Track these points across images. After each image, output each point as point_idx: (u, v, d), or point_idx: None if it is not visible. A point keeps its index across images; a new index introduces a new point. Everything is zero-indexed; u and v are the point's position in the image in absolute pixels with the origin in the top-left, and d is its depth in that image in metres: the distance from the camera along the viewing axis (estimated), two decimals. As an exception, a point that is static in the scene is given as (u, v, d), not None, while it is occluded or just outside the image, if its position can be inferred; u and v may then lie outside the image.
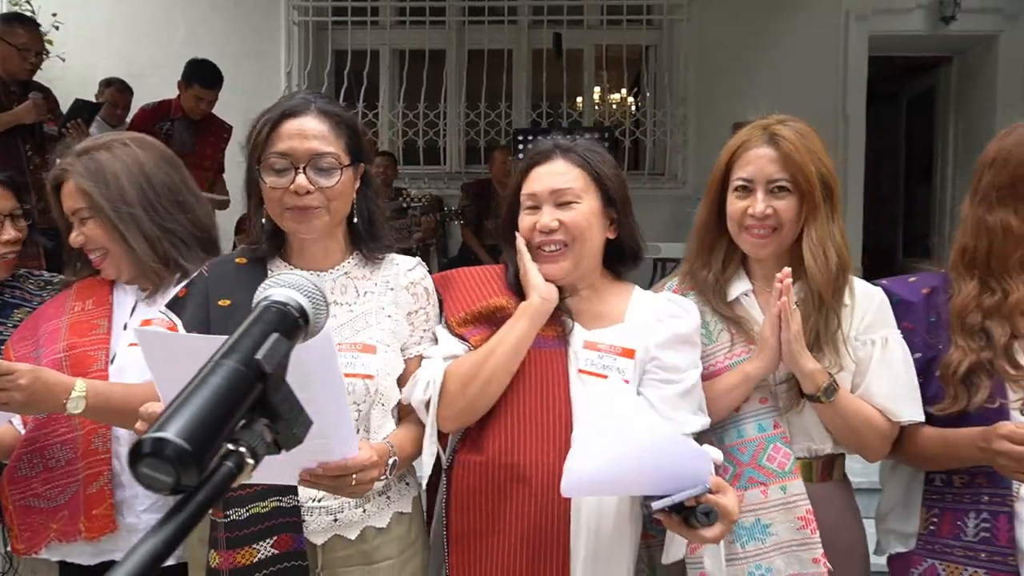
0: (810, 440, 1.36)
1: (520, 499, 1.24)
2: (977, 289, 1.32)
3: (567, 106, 5.48)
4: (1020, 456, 1.13)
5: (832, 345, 1.32)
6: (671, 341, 1.31)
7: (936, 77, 6.35)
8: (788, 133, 1.34)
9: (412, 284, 1.36)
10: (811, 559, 1.28)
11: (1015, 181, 1.28)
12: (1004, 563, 1.23)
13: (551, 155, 1.35)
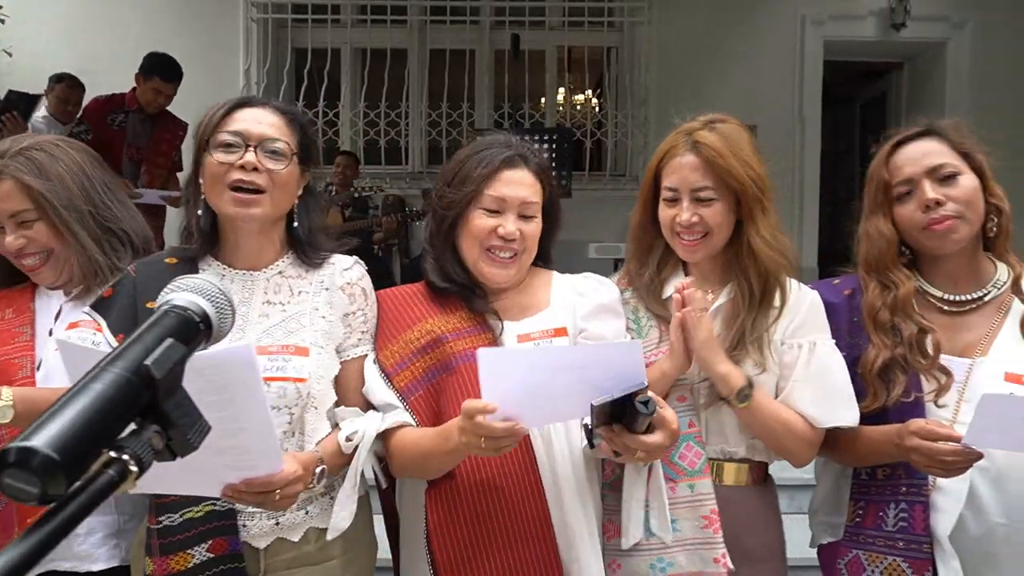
0: (724, 442, 1.37)
1: (498, 511, 1.25)
2: (878, 288, 1.38)
3: (529, 107, 5.49)
4: (930, 452, 1.17)
5: (756, 346, 1.34)
6: (595, 311, 1.35)
7: (889, 82, 6.52)
8: (711, 139, 1.34)
9: (348, 284, 1.34)
10: (712, 558, 1.29)
11: (877, 192, 1.39)
12: (920, 551, 1.27)
13: (518, 163, 1.35)
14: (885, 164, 1.37)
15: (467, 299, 1.36)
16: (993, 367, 1.30)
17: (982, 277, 1.37)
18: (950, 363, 1.33)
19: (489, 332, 1.33)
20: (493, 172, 1.33)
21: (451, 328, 1.34)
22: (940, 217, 1.30)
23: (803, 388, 1.34)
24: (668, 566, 1.32)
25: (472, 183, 1.33)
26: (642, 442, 1.07)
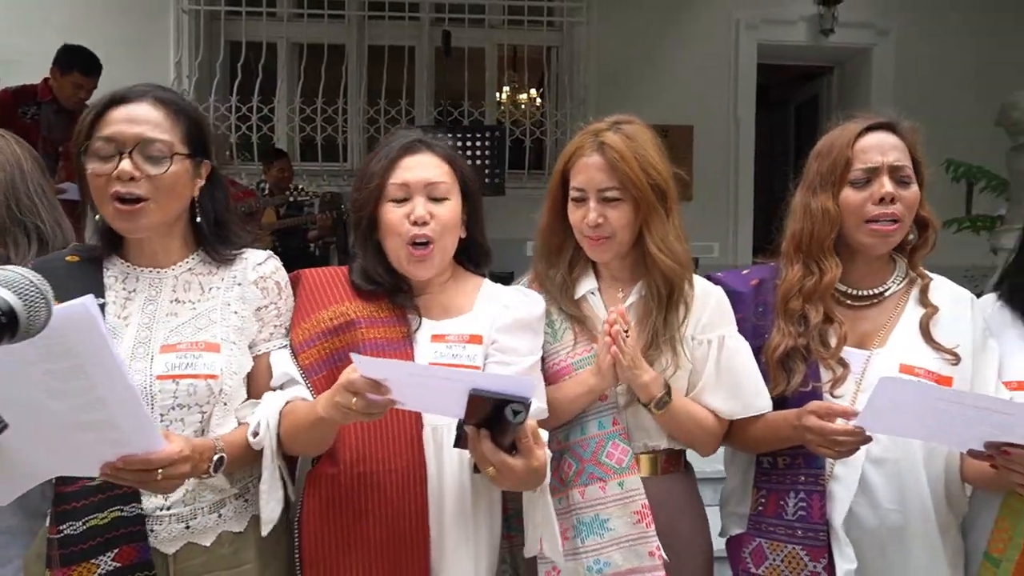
0: (647, 437, 1.40)
1: (377, 507, 1.23)
2: (801, 272, 1.39)
3: (468, 105, 5.47)
4: (823, 431, 1.21)
5: (670, 344, 1.36)
6: (511, 326, 1.33)
7: (820, 85, 6.74)
8: (616, 140, 1.35)
9: (262, 279, 1.31)
10: (647, 552, 1.31)
11: (833, 168, 1.36)
12: (816, 539, 1.31)
13: (418, 148, 1.34)
14: (851, 144, 1.35)
15: (391, 293, 1.35)
16: (889, 358, 1.35)
17: (885, 275, 1.42)
18: (849, 354, 1.37)
19: (405, 325, 1.32)
20: (393, 161, 1.32)
21: (366, 314, 1.32)
22: (888, 214, 1.33)
23: (715, 385, 1.38)
24: (605, 566, 1.33)
25: (376, 177, 1.32)
26: (498, 457, 1.04)
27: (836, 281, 1.37)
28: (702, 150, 5.76)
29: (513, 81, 6.03)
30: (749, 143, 5.93)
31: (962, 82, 5.66)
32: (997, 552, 1.27)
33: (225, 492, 1.25)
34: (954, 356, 1.32)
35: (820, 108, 6.73)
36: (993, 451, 1.05)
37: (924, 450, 1.30)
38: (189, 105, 1.27)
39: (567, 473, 1.38)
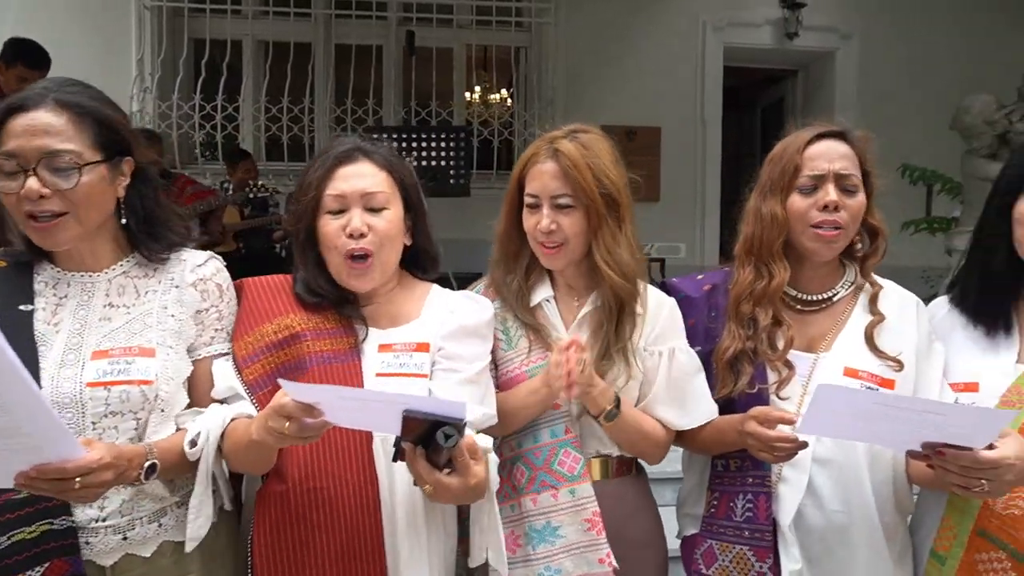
0: (600, 444, 1.40)
1: (329, 523, 1.21)
2: (752, 275, 1.40)
3: (436, 105, 5.45)
4: (763, 437, 1.23)
5: (622, 355, 1.36)
6: (457, 332, 1.32)
7: (786, 88, 6.85)
8: (570, 148, 1.36)
9: (201, 280, 1.28)
10: (597, 559, 1.31)
11: (783, 174, 1.38)
12: (762, 539, 1.33)
13: (355, 157, 1.31)
14: (801, 151, 1.37)
15: (337, 304, 1.32)
16: (834, 362, 1.36)
17: (835, 280, 1.44)
18: (797, 358, 1.39)
19: (352, 336, 1.30)
20: (329, 170, 1.29)
21: (312, 327, 1.29)
22: (832, 221, 1.34)
23: (664, 397, 1.39)
24: (556, 573, 1.33)
25: (312, 188, 1.29)
26: (433, 476, 1.03)
27: (784, 284, 1.39)
28: (669, 151, 5.82)
29: (484, 81, 6.02)
30: (716, 144, 6.00)
31: (921, 86, 5.79)
32: (943, 550, 1.29)
33: (166, 501, 1.21)
34: (897, 363, 1.34)
35: (786, 110, 6.84)
36: (929, 451, 1.06)
37: (868, 451, 1.32)
38: (96, 103, 1.18)
39: (519, 480, 1.37)
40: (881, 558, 1.34)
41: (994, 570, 1.21)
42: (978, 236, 1.37)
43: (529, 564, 1.33)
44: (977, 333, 1.35)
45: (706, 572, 1.39)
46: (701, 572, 1.40)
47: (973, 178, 3.67)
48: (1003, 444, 1.04)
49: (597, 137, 1.42)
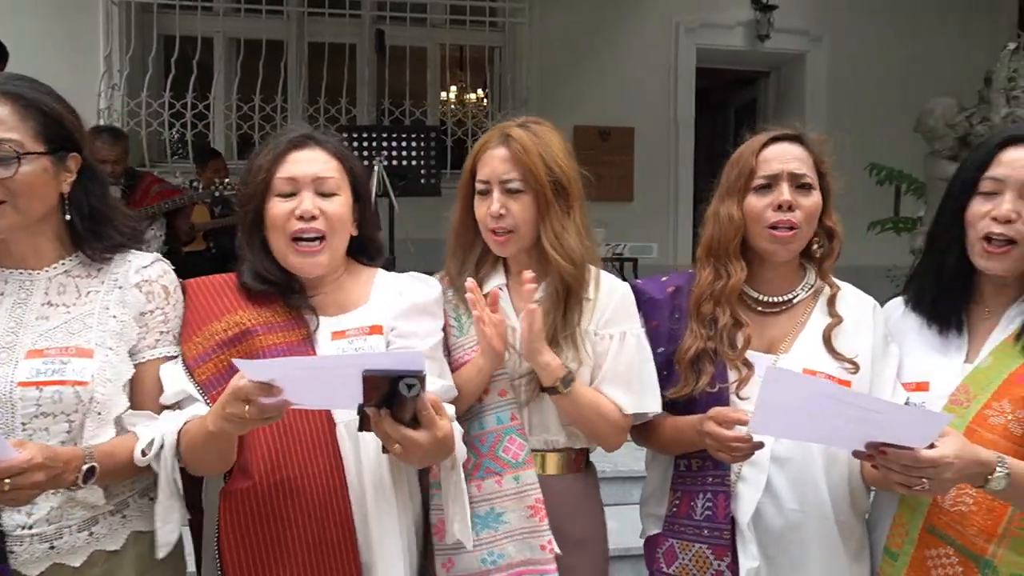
0: (547, 432, 1.42)
1: (298, 515, 1.20)
2: (711, 275, 1.43)
3: (410, 104, 5.42)
4: (720, 437, 1.24)
5: (571, 340, 1.37)
6: (408, 310, 1.33)
7: (758, 89, 6.93)
8: (521, 134, 1.39)
9: (146, 282, 1.26)
10: (539, 545, 1.34)
11: (740, 176, 1.41)
12: (720, 537, 1.34)
13: (307, 143, 1.31)
14: (756, 154, 1.40)
15: (284, 294, 1.32)
16: (793, 363, 1.38)
17: (795, 283, 1.46)
18: (756, 358, 1.40)
19: (303, 327, 1.29)
20: (281, 155, 1.29)
21: (262, 321, 1.29)
22: (787, 222, 1.36)
23: (614, 377, 1.40)
24: (499, 557, 1.35)
25: (263, 171, 1.28)
26: (401, 433, 1.01)
27: (740, 284, 1.41)
28: (643, 151, 5.86)
29: (460, 81, 6.02)
30: (689, 145, 6.05)
31: (888, 88, 5.90)
32: (895, 547, 1.32)
33: (98, 508, 1.18)
34: (853, 365, 1.36)
35: (758, 111, 6.92)
36: (873, 451, 1.09)
37: (824, 451, 1.35)
38: (43, 97, 1.17)
39: (466, 467, 1.37)
40: (837, 556, 1.36)
41: (942, 565, 1.24)
42: (932, 238, 1.40)
43: (472, 549, 1.34)
44: (930, 333, 1.38)
45: (667, 571, 1.41)
46: (662, 571, 1.42)
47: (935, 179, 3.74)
48: (943, 443, 1.07)
49: (549, 129, 1.45)
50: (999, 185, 1.25)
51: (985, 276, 1.31)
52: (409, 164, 3.76)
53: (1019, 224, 1.22)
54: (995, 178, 1.25)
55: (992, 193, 1.25)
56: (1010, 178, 1.24)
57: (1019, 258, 1.24)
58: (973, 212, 1.28)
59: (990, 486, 1.10)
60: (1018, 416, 1.19)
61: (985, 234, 1.25)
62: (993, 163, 1.26)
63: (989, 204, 1.25)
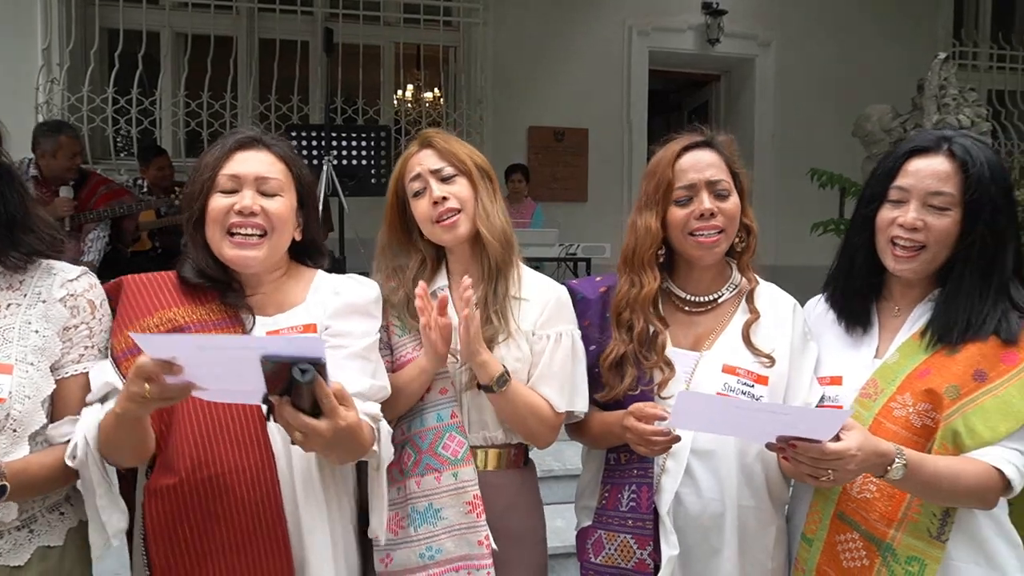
0: (485, 429, 1.45)
1: (228, 512, 1.20)
2: (627, 284, 1.48)
3: (364, 103, 5.39)
4: (638, 431, 1.29)
5: (500, 315, 1.43)
6: (343, 310, 1.35)
7: (710, 92, 7.08)
8: (439, 134, 1.50)
9: (71, 296, 1.23)
10: (477, 541, 1.36)
11: (658, 188, 1.45)
12: (644, 528, 1.39)
13: (254, 145, 1.33)
14: (672, 165, 1.43)
15: (222, 291, 1.31)
16: (715, 360, 1.44)
17: (720, 284, 1.51)
18: (683, 356, 1.45)
19: (239, 326, 1.29)
20: (226, 154, 1.30)
21: (196, 319, 1.28)
22: (710, 227, 1.41)
23: (549, 375, 1.44)
24: (437, 552, 1.37)
25: (208, 169, 1.29)
26: (301, 420, 1.00)
27: (653, 294, 1.46)
28: (596, 152, 5.94)
29: (417, 80, 6.00)
30: (642, 146, 6.14)
31: (831, 93, 6.09)
32: (811, 532, 1.37)
33: (2, 525, 1.16)
34: (770, 360, 1.42)
35: (710, 113, 7.07)
36: (783, 444, 1.14)
37: (742, 444, 1.40)
38: None
39: (406, 463, 1.41)
40: (755, 543, 1.41)
41: (850, 550, 1.30)
42: (846, 241, 1.46)
43: (411, 545, 1.37)
44: (844, 330, 1.44)
45: (595, 561, 1.44)
46: (590, 561, 1.45)
47: (872, 182, 3.88)
48: (847, 436, 1.12)
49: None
50: (905, 194, 1.31)
51: (894, 277, 1.38)
52: (359, 164, 3.74)
53: (924, 231, 1.29)
54: (901, 187, 1.32)
55: (899, 201, 1.32)
56: (915, 188, 1.30)
57: (925, 261, 1.31)
58: (882, 218, 1.34)
59: (889, 476, 1.16)
60: (918, 409, 1.26)
61: (892, 239, 1.32)
62: (900, 173, 1.32)
63: (897, 211, 1.32)
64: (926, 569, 1.23)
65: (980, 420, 1.20)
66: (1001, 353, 1.23)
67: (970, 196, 1.26)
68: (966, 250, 1.27)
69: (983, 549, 1.25)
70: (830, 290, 1.50)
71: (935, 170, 1.29)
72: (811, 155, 4.99)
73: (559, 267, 4.86)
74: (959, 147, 1.28)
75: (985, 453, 1.20)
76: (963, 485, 1.18)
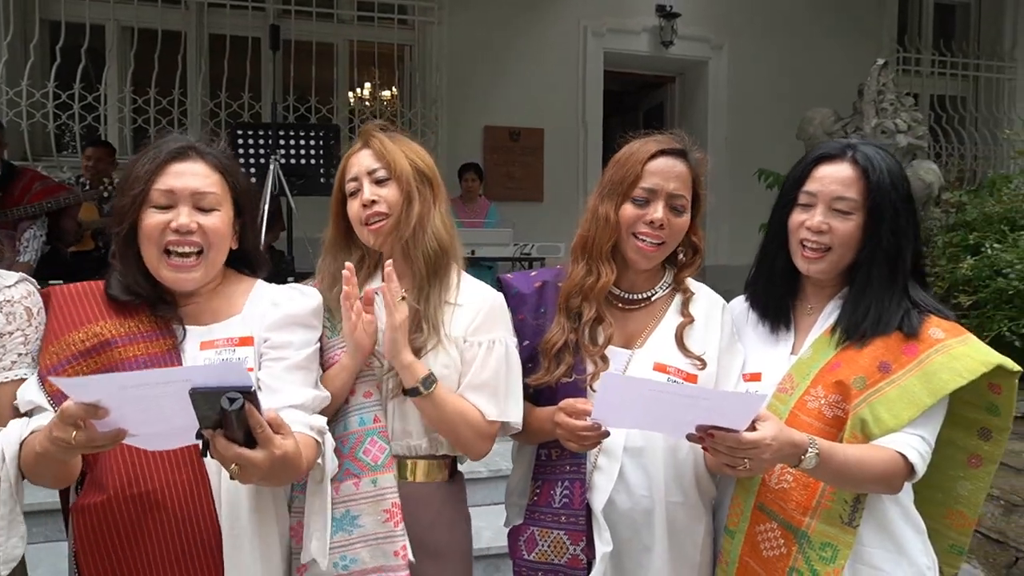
0: (409, 437, 1.42)
1: (160, 528, 1.17)
2: (583, 271, 1.48)
3: (316, 101, 5.33)
4: (569, 427, 1.30)
5: (431, 324, 1.40)
6: (282, 322, 1.32)
7: (665, 94, 7.19)
8: (381, 135, 1.47)
9: (7, 302, 1.21)
10: (393, 551, 1.32)
11: (622, 181, 1.45)
12: (576, 523, 1.40)
13: (189, 155, 1.28)
14: (643, 163, 1.43)
15: (152, 304, 1.28)
16: (646, 357, 1.46)
17: (654, 282, 1.54)
18: (615, 352, 1.47)
19: (170, 338, 1.26)
20: (159, 167, 1.25)
21: (124, 332, 1.25)
22: (654, 235, 1.43)
23: (480, 384, 1.42)
24: (352, 562, 1.33)
25: (140, 182, 1.25)
26: (232, 450, 0.98)
27: (609, 285, 1.47)
28: (552, 152, 5.98)
29: (375, 79, 5.96)
30: (597, 146, 6.21)
31: (781, 96, 6.23)
32: (733, 525, 1.41)
33: None
34: (701, 362, 1.45)
35: (665, 114, 7.18)
36: (702, 433, 1.17)
37: (668, 441, 1.42)
38: None
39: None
40: (685, 538, 1.44)
41: (769, 539, 1.34)
42: (764, 244, 1.51)
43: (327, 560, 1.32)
44: (764, 328, 1.49)
45: (528, 558, 1.45)
46: (523, 558, 1.46)
47: (815, 184, 3.98)
48: (763, 427, 1.16)
49: (408, 138, 1.52)
50: (812, 198, 1.37)
51: (807, 277, 1.43)
52: (308, 163, 3.70)
53: (829, 234, 1.34)
54: (809, 192, 1.37)
55: (807, 205, 1.37)
56: (821, 193, 1.36)
57: (831, 262, 1.37)
58: (793, 221, 1.40)
59: (803, 465, 1.20)
60: (829, 400, 1.31)
61: (802, 241, 1.38)
62: (808, 179, 1.38)
63: (805, 215, 1.37)
64: (838, 554, 1.28)
65: (885, 409, 1.26)
66: (904, 346, 1.29)
67: (872, 201, 1.32)
68: (870, 251, 1.33)
69: (891, 534, 1.31)
70: (750, 290, 1.55)
71: (839, 176, 1.34)
72: (762, 156, 5.09)
73: (514, 267, 4.88)
74: (861, 155, 1.34)
75: (890, 440, 1.25)
76: (870, 471, 1.23)
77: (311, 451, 1.20)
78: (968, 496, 1.39)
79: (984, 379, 1.27)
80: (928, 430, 1.27)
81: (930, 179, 3.69)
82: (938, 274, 3.24)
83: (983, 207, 3.49)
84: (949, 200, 3.72)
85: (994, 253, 2.98)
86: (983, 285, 2.97)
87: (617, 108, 7.20)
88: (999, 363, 1.26)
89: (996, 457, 1.37)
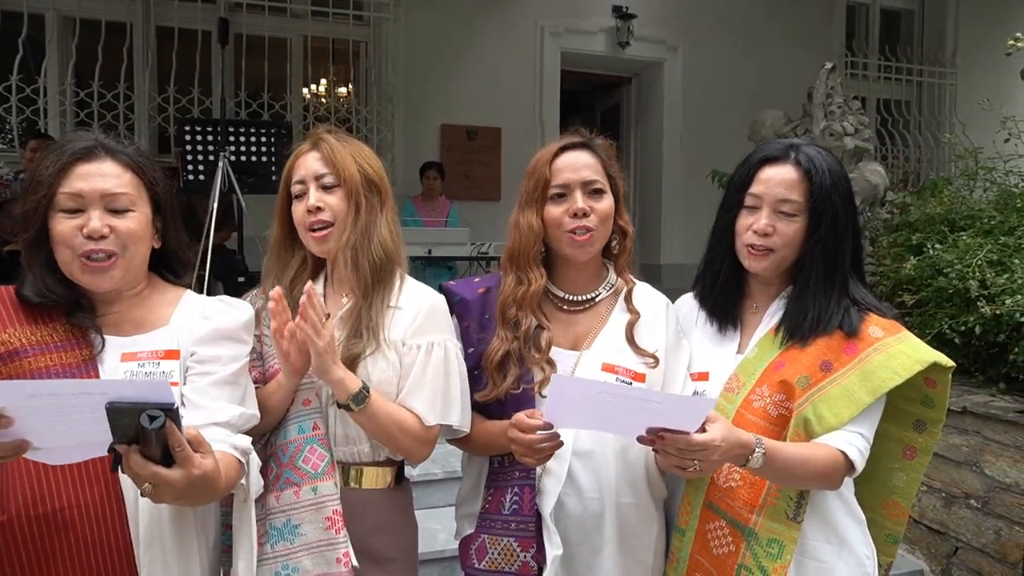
0: (352, 443, 1.40)
1: (68, 550, 1.11)
2: (514, 281, 1.48)
3: (269, 97, 5.22)
4: (524, 441, 1.29)
5: (371, 331, 1.38)
6: (210, 335, 1.27)
7: (621, 94, 7.25)
8: (330, 138, 1.43)
9: None
10: (335, 559, 1.31)
11: (536, 188, 1.47)
12: (527, 530, 1.39)
13: (97, 154, 1.21)
14: (549, 164, 1.45)
15: (68, 311, 1.21)
16: (594, 358, 1.46)
17: (597, 283, 1.54)
18: (562, 355, 1.47)
19: (85, 348, 1.19)
20: (64, 168, 1.18)
21: (35, 341, 1.17)
22: (583, 227, 1.43)
23: (418, 387, 1.39)
24: (294, 571, 1.30)
25: (44, 187, 1.17)
26: (148, 470, 0.94)
27: (541, 289, 1.47)
28: (509, 151, 5.97)
29: (330, 75, 5.86)
30: (555, 146, 6.22)
31: (734, 97, 6.35)
32: (683, 523, 1.42)
33: None
34: (653, 359, 1.46)
35: (621, 115, 7.25)
36: (653, 436, 1.17)
37: (619, 442, 1.43)
38: None
39: (267, 478, 1.35)
40: (637, 540, 1.44)
41: (718, 537, 1.36)
42: (711, 244, 1.52)
43: (267, 563, 1.31)
44: (711, 327, 1.50)
45: (478, 567, 1.43)
46: (474, 567, 1.44)
47: (767, 184, 4.06)
48: (712, 428, 1.17)
49: (359, 142, 1.49)
50: (758, 201, 1.39)
51: (752, 276, 1.45)
52: (258, 160, 3.62)
53: (774, 236, 1.37)
54: (755, 194, 1.39)
55: (753, 207, 1.40)
56: (766, 195, 1.38)
57: (775, 261, 1.39)
58: (740, 224, 1.42)
59: (750, 465, 1.22)
60: (774, 400, 1.33)
61: (748, 243, 1.40)
62: (753, 181, 1.40)
63: (752, 218, 1.39)
64: (784, 549, 1.30)
65: (826, 407, 1.28)
66: (844, 345, 1.32)
67: (814, 203, 1.34)
68: (811, 251, 1.35)
69: (834, 527, 1.34)
70: (697, 289, 1.56)
71: (783, 178, 1.36)
72: (716, 156, 5.16)
73: (471, 266, 4.86)
74: (804, 157, 1.36)
75: (831, 438, 1.28)
76: (813, 469, 1.25)
77: (232, 470, 1.15)
78: (903, 487, 1.43)
79: (920, 375, 1.30)
80: (867, 427, 1.30)
81: (876, 180, 3.79)
82: (884, 273, 3.33)
83: (925, 208, 3.60)
84: (894, 201, 3.83)
85: (935, 253, 3.06)
86: (926, 284, 3.05)
87: (574, 108, 7.24)
88: (934, 360, 1.30)
89: (930, 448, 1.42)
